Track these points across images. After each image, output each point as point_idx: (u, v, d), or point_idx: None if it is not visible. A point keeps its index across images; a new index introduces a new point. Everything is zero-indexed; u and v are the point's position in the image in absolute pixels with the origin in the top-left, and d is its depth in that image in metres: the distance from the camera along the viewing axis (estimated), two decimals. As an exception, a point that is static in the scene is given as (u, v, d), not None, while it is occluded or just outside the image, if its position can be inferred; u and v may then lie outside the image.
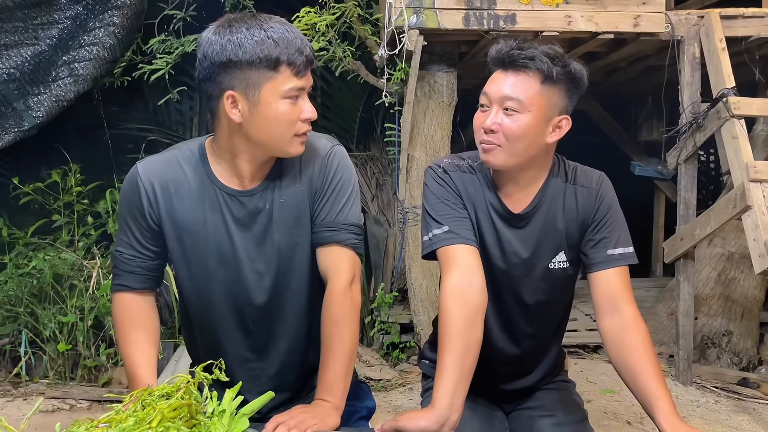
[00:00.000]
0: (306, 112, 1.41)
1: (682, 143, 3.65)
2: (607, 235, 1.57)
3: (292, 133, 1.41)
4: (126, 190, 1.51)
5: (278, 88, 1.37)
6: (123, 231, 1.52)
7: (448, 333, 1.43)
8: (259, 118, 1.39)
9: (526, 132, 1.47)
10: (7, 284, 3.74)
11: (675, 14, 3.64)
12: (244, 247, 1.50)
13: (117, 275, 1.53)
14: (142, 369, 1.45)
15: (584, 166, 1.65)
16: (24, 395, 3.51)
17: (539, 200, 1.58)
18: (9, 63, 3.65)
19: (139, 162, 1.52)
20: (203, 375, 1.21)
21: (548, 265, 1.59)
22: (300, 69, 1.37)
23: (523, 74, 1.47)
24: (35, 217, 4.16)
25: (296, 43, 1.37)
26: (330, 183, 1.52)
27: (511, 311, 1.63)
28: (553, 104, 1.49)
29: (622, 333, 1.50)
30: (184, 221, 1.48)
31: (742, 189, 3.10)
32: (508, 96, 1.47)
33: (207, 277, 1.51)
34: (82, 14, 3.81)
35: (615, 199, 1.61)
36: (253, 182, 1.49)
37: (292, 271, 1.52)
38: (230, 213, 1.49)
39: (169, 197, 1.48)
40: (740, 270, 4.20)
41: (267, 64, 1.35)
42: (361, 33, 3.94)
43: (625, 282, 1.56)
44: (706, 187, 7.06)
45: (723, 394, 3.64)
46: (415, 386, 3.62)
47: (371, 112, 4.98)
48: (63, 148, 4.20)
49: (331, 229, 1.50)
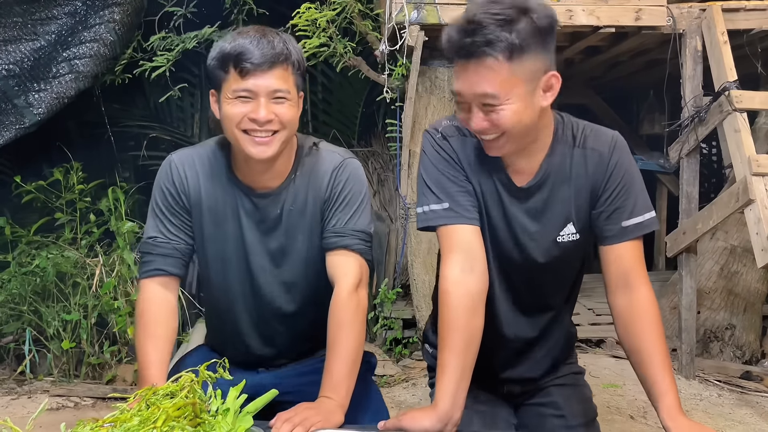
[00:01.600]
0: (252, 113, 1.46)
1: (684, 137, 3.64)
2: (622, 204, 1.44)
3: (238, 130, 1.47)
4: (161, 175, 1.61)
5: (228, 90, 1.46)
6: (155, 218, 1.60)
7: (448, 327, 1.40)
8: (221, 117, 1.51)
9: (518, 117, 1.33)
10: (10, 283, 3.74)
11: (677, 7, 3.62)
12: (251, 243, 1.60)
13: (148, 261, 1.57)
14: (153, 367, 1.47)
15: (596, 126, 1.50)
16: (28, 393, 3.52)
17: (545, 171, 1.46)
18: (8, 58, 3.64)
19: (174, 153, 1.64)
20: (207, 374, 1.21)
21: (556, 239, 1.49)
22: (246, 71, 1.43)
23: (486, 62, 1.28)
24: (37, 216, 4.16)
25: (248, 48, 1.43)
26: (339, 193, 1.58)
27: (518, 285, 1.55)
28: (532, 72, 1.31)
29: (633, 314, 1.43)
30: (207, 207, 1.59)
31: (744, 183, 3.10)
32: (480, 94, 1.31)
33: (222, 264, 1.62)
34: (81, 10, 3.80)
35: (631, 162, 1.46)
36: (267, 184, 1.58)
37: (291, 273, 1.62)
38: (244, 209, 1.59)
39: (197, 183, 1.58)
40: (743, 264, 4.20)
41: (219, 65, 1.47)
42: (361, 28, 3.93)
43: (639, 256, 1.46)
44: (708, 180, 7.05)
45: (726, 387, 3.64)
46: (419, 382, 3.63)
47: (372, 108, 4.97)
48: (64, 146, 4.20)
49: (338, 234, 1.56)
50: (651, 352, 1.39)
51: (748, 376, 3.81)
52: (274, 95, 1.46)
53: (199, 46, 4.08)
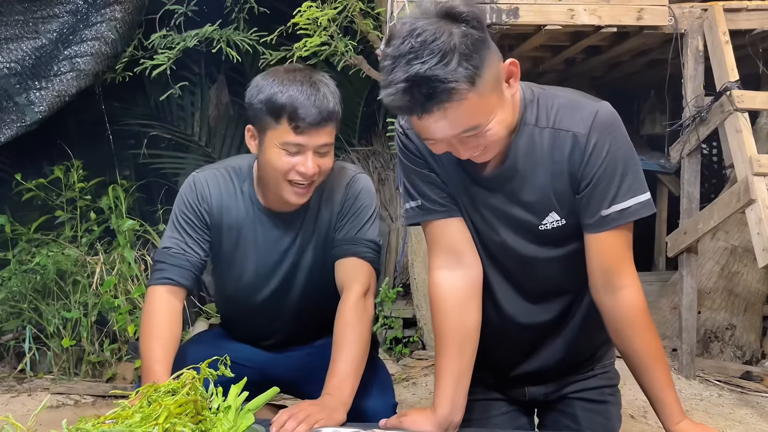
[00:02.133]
0: (300, 166, 1.49)
1: (686, 137, 3.64)
2: (602, 190, 1.27)
3: (283, 180, 1.52)
4: (185, 189, 1.67)
5: (277, 139, 1.49)
6: (173, 230, 1.65)
7: (440, 330, 1.37)
8: (261, 158, 1.56)
9: (505, 126, 1.22)
10: (11, 280, 3.75)
11: (678, 7, 3.62)
12: (266, 265, 1.68)
13: (160, 270, 1.61)
14: (158, 364, 1.49)
15: (576, 100, 1.31)
16: (29, 391, 3.52)
17: (510, 159, 1.31)
18: (10, 57, 3.64)
19: (197, 171, 1.71)
20: (208, 371, 1.21)
21: (538, 228, 1.35)
22: (302, 127, 1.46)
23: (451, 106, 1.13)
24: (38, 213, 4.16)
25: (305, 104, 1.45)
26: (352, 206, 1.65)
27: (512, 272, 1.42)
28: (494, 78, 1.18)
29: (622, 317, 1.32)
30: (227, 227, 1.66)
31: (745, 183, 3.10)
32: (459, 132, 1.18)
33: (237, 282, 1.72)
34: (82, 8, 3.80)
35: (615, 140, 1.28)
36: (289, 208, 1.62)
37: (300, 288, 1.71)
38: (263, 231, 1.66)
39: (220, 201, 1.65)
40: (743, 264, 4.20)
41: (269, 112, 1.49)
42: (362, 27, 3.92)
43: (623, 249, 1.30)
44: (709, 180, 7.04)
45: (726, 387, 3.64)
46: (419, 381, 3.63)
47: (373, 107, 4.97)
48: (65, 144, 4.20)
49: (349, 242, 1.62)
50: (645, 355, 1.32)
51: (748, 376, 3.81)
52: (321, 149, 1.51)
53: (199, 45, 4.08)
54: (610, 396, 1.56)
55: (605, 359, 1.57)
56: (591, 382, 1.55)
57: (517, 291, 1.44)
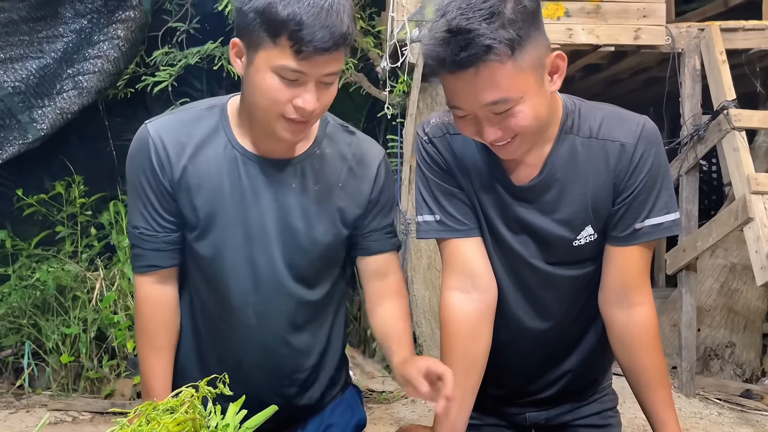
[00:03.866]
0: (298, 99, 1.20)
1: (684, 155, 3.66)
2: (641, 203, 1.25)
3: (276, 112, 1.22)
4: (134, 151, 1.36)
5: (272, 61, 1.18)
6: (137, 202, 1.36)
7: (447, 354, 1.35)
8: (248, 81, 1.25)
9: (535, 113, 1.16)
10: (11, 296, 3.75)
11: (675, 27, 3.66)
12: (260, 226, 1.35)
13: (139, 255, 1.38)
14: (158, 381, 1.42)
15: (619, 111, 1.30)
16: (27, 407, 3.51)
17: (550, 167, 1.27)
18: (14, 76, 3.67)
19: (148, 121, 1.37)
20: (207, 389, 1.21)
21: (572, 243, 1.30)
22: (306, 52, 1.15)
23: (486, 68, 1.10)
24: (38, 228, 4.16)
25: (312, 23, 1.14)
26: (385, 192, 1.43)
27: (533, 289, 1.37)
28: (535, 60, 1.14)
29: (632, 333, 1.30)
30: (198, 187, 1.33)
31: (743, 201, 3.11)
32: (491, 102, 1.13)
33: (218, 253, 1.36)
34: (86, 28, 3.84)
35: (659, 153, 1.25)
36: (281, 153, 1.34)
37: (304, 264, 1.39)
38: (249, 181, 1.34)
39: (182, 159, 1.33)
40: (743, 281, 4.20)
41: (262, 25, 1.17)
42: (363, 45, 3.96)
43: (644, 266, 1.29)
44: (708, 196, 7.06)
45: (726, 405, 3.63)
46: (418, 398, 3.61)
47: (373, 123, 4.99)
48: (66, 160, 4.22)
49: (389, 234, 1.46)
50: (652, 374, 1.31)
51: (748, 394, 3.80)
52: (326, 79, 1.22)
53: (201, 62, 4.11)
54: (611, 418, 1.54)
55: (605, 381, 1.56)
56: (593, 407, 1.52)
57: (535, 311, 1.40)
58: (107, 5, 3.82)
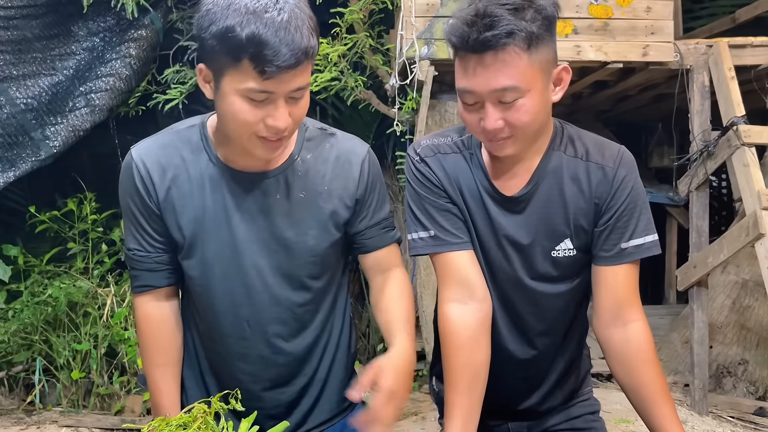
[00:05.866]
0: (269, 118, 1.21)
1: (693, 171, 3.65)
2: (624, 224, 1.34)
3: (249, 133, 1.23)
4: (122, 177, 1.39)
5: (238, 84, 1.18)
6: (129, 225, 1.40)
7: (451, 366, 1.36)
8: (218, 106, 1.26)
9: (535, 115, 1.25)
10: (23, 312, 3.77)
11: (683, 44, 3.66)
12: (246, 239, 1.36)
13: (136, 276, 1.42)
14: (164, 397, 1.44)
15: (600, 139, 1.40)
16: (37, 423, 3.51)
17: (537, 180, 1.36)
18: (27, 93, 3.72)
19: (133, 146, 1.39)
20: (219, 404, 1.21)
21: (551, 253, 1.38)
22: (269, 72, 1.15)
23: (504, 53, 1.20)
24: (50, 245, 4.20)
25: (272, 42, 1.13)
26: (372, 189, 1.43)
27: (516, 306, 1.43)
28: (545, 63, 1.25)
29: (630, 352, 1.35)
30: (182, 207, 1.36)
31: (754, 217, 3.10)
32: (501, 88, 1.22)
33: (206, 270, 1.38)
34: (99, 46, 3.90)
35: (636, 179, 1.36)
36: (265, 167, 1.35)
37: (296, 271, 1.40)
38: (232, 197, 1.35)
39: (164, 181, 1.35)
40: (755, 298, 4.17)
41: (224, 49, 1.16)
42: (372, 63, 3.99)
43: (634, 284, 1.37)
44: (718, 212, 7.03)
45: (739, 424, 3.59)
46: (428, 415, 3.60)
47: (382, 140, 5.01)
48: (78, 177, 4.26)
49: (385, 228, 1.46)
50: (654, 390, 1.34)
51: (761, 412, 3.76)
52: (294, 94, 1.22)
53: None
54: (594, 422, 1.57)
55: (584, 387, 1.59)
56: (574, 411, 1.56)
57: (517, 330, 1.46)
58: (119, 24, 3.88)
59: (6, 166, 3.64)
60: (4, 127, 3.61)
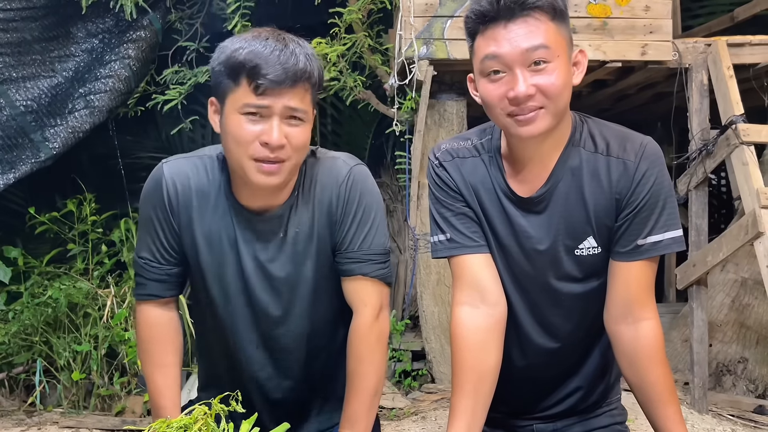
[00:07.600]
0: (264, 135, 1.28)
1: (692, 170, 3.65)
2: (642, 220, 1.31)
3: (245, 155, 1.30)
4: (149, 188, 1.46)
5: (237, 102, 1.29)
6: (146, 234, 1.46)
7: (458, 368, 1.36)
8: (222, 131, 1.34)
9: (566, 81, 1.25)
10: (23, 313, 3.77)
11: (682, 42, 3.67)
12: (252, 274, 1.44)
13: (141, 284, 1.48)
14: (164, 398, 1.46)
15: (623, 131, 1.37)
16: (38, 424, 3.51)
17: (555, 179, 1.34)
18: (26, 95, 3.72)
19: (165, 161, 1.47)
20: (220, 406, 1.22)
21: (574, 252, 1.37)
22: (263, 86, 1.25)
23: (532, 18, 1.23)
24: (50, 246, 4.20)
25: (267, 59, 1.25)
26: (351, 211, 1.42)
27: (542, 308, 1.42)
28: (567, 39, 1.28)
29: (639, 349, 1.33)
30: (200, 232, 1.43)
31: (753, 215, 3.10)
32: (532, 48, 1.22)
33: (221, 293, 1.46)
34: (98, 47, 3.90)
35: (661, 172, 1.32)
36: (269, 203, 1.42)
37: (297, 303, 1.47)
38: (242, 234, 1.42)
39: (189, 203, 1.43)
40: (754, 296, 4.17)
41: (228, 73, 1.30)
42: (371, 63, 4.00)
43: (649, 282, 1.33)
44: (718, 210, 7.02)
45: (739, 422, 3.59)
46: (428, 415, 3.60)
47: (381, 140, 5.02)
48: (78, 178, 4.26)
49: (354, 261, 1.43)
50: (660, 389, 1.33)
51: (761, 410, 3.76)
52: (289, 114, 1.29)
53: (210, 80, 4.16)
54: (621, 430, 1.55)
55: (612, 396, 1.57)
56: (601, 420, 1.54)
57: (543, 329, 1.44)
58: (118, 25, 3.88)
59: (6, 167, 3.64)
60: (3, 129, 3.62)
